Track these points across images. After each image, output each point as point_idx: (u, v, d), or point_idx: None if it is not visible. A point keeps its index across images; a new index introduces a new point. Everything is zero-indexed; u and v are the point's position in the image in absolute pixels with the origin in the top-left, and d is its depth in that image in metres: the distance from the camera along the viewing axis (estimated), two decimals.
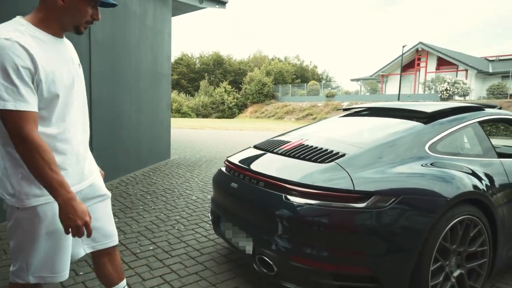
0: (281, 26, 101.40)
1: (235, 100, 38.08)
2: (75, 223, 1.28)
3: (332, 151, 2.22)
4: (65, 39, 1.44)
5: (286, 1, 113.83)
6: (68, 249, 1.46)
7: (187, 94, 40.45)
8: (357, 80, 37.02)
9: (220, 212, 2.57)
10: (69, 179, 1.34)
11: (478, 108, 2.72)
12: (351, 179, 1.95)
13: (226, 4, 8.84)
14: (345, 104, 28.64)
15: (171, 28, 7.61)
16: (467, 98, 25.38)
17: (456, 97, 25.24)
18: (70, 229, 1.29)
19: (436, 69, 30.09)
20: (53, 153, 1.29)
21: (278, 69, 40.54)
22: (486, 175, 2.27)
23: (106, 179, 5.49)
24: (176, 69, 43.62)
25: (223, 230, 2.51)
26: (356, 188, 1.90)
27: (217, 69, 45.13)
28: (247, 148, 2.93)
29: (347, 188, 1.91)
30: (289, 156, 2.36)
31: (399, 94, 23.95)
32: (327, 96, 31.49)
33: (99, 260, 1.65)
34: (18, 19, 1.30)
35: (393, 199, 1.89)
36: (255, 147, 2.83)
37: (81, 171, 1.50)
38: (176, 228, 3.44)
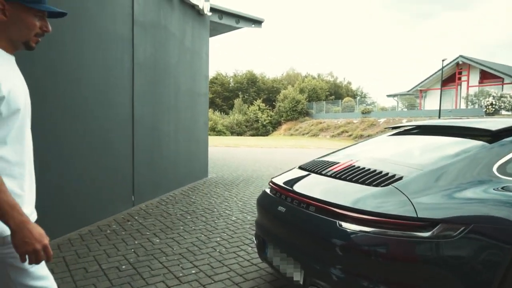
0: (313, 43, 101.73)
1: (269, 118, 38.19)
2: (32, 247, 1.13)
3: (387, 173, 2.06)
4: (13, 57, 1.32)
5: (318, 18, 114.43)
6: None
7: (222, 113, 41.08)
8: (394, 95, 36.02)
9: (266, 236, 2.46)
10: (24, 207, 1.21)
11: None
12: (412, 204, 1.78)
13: (262, 23, 8.92)
14: (381, 121, 27.86)
15: (209, 48, 7.76)
16: None
17: (503, 112, 23.83)
18: (27, 256, 1.15)
19: (479, 83, 28.69)
20: (8, 178, 1.18)
21: (311, 86, 40.39)
22: None
23: (146, 198, 5.49)
24: (211, 88, 44.59)
25: (269, 256, 2.39)
26: (419, 215, 1.72)
27: (251, 88, 45.65)
28: (292, 169, 2.81)
29: (409, 215, 1.74)
30: (339, 178, 2.22)
31: (439, 109, 22.96)
32: (362, 113, 30.81)
33: None
34: None
35: (463, 228, 1.69)
36: (301, 168, 2.71)
37: (34, 200, 1.36)
38: (218, 250, 3.35)
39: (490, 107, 23.62)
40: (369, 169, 2.19)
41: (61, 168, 3.61)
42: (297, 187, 2.34)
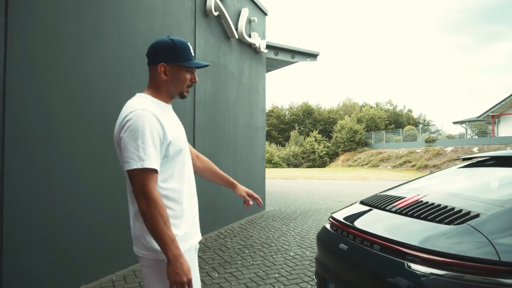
0: (370, 71, 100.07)
1: (326, 149, 37.60)
2: (181, 279, 1.35)
3: (461, 210, 1.89)
4: (170, 105, 1.65)
5: (374, 47, 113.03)
6: None
7: (278, 145, 41.36)
8: (461, 122, 33.69)
9: (327, 275, 2.35)
10: (189, 234, 1.55)
11: None
12: (493, 246, 1.59)
13: (317, 57, 9.02)
14: (449, 149, 26.03)
15: (265, 83, 7.98)
16: None
17: None
18: (175, 286, 1.36)
19: None
20: (175, 203, 1.49)
21: (369, 116, 39.33)
22: None
23: (205, 231, 5.56)
24: (267, 121, 45.38)
25: None
26: (503, 259, 1.53)
27: (307, 119, 45.68)
28: (353, 204, 2.70)
29: (490, 258, 1.56)
30: (405, 215, 2.08)
31: None
32: (426, 141, 29.09)
33: None
34: (141, 94, 1.56)
35: None
36: (363, 203, 2.59)
37: (197, 227, 1.67)
38: (276, 287, 3.26)
39: None
40: (439, 205, 2.02)
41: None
42: (359, 223, 2.23)
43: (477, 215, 1.80)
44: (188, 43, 1.59)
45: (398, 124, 41.64)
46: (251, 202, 2.11)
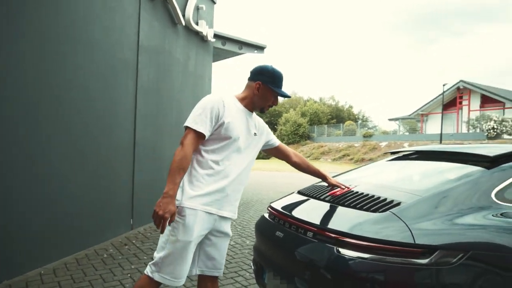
0: (315, 67, 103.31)
1: None
2: (158, 211, 1.71)
3: (385, 199, 2.06)
4: (254, 114, 2.13)
5: (320, 43, 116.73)
6: (189, 261, 1.89)
7: None
8: (395, 119, 36.23)
9: (264, 262, 2.43)
10: (208, 197, 1.89)
11: None
12: (410, 230, 1.76)
13: (264, 49, 9.12)
14: (383, 144, 27.89)
15: (211, 73, 7.90)
16: None
17: (505, 136, 23.85)
18: (153, 215, 1.72)
19: (480, 107, 28.89)
20: (210, 175, 1.91)
21: (313, 110, 40.70)
22: None
23: (144, 221, 5.43)
24: None
25: (266, 282, 2.35)
26: (417, 242, 1.71)
27: None
28: (291, 194, 2.81)
29: (407, 241, 1.72)
30: (337, 203, 2.21)
31: (441, 133, 23.02)
32: (364, 136, 30.89)
33: (204, 283, 2.06)
34: (230, 93, 2.04)
35: (461, 255, 1.68)
36: (300, 192, 2.71)
37: (225, 202, 1.97)
38: None
39: (491, 131, 23.67)
40: (367, 195, 2.18)
41: (58, 191, 3.62)
42: (296, 212, 2.33)
43: (398, 203, 1.97)
44: (283, 75, 2.03)
45: (340, 119, 43.59)
46: (343, 188, 2.37)
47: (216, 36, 7.79)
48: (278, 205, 2.58)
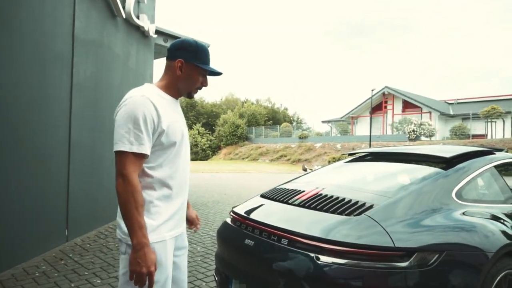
0: (251, 68, 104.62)
1: (209, 142, 37.90)
2: (140, 269, 1.35)
3: (357, 202, 2.04)
4: (178, 100, 1.71)
5: (255, 44, 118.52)
6: None
7: None
8: (328, 122, 38.07)
9: (231, 272, 2.27)
10: (172, 221, 1.56)
11: (489, 152, 2.67)
12: (388, 234, 1.75)
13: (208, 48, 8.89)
14: (318, 145, 29.11)
15: (153, 71, 7.49)
16: (432, 138, 26.56)
17: (423, 138, 26.35)
18: (134, 275, 1.37)
19: (402, 111, 31.58)
20: (161, 195, 1.52)
21: (251, 112, 41.11)
22: None
23: (82, 231, 4.97)
24: None
25: None
26: (397, 245, 1.70)
27: (190, 112, 45.12)
28: (254, 197, 2.69)
29: (386, 245, 1.71)
30: (308, 207, 2.15)
31: (370, 135, 24.68)
32: (299, 138, 31.96)
33: None
34: (148, 84, 1.61)
35: (437, 256, 1.71)
36: (263, 196, 2.60)
37: (183, 217, 1.67)
38: None
39: (412, 133, 26.00)
40: (337, 197, 2.15)
41: None
42: (264, 218, 2.22)
43: (371, 206, 1.96)
44: (209, 49, 1.65)
45: (276, 120, 44.61)
46: (198, 227, 1.99)
47: (158, 32, 7.40)
48: (241, 210, 2.44)
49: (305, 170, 20.78)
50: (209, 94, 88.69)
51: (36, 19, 3.77)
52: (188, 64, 1.59)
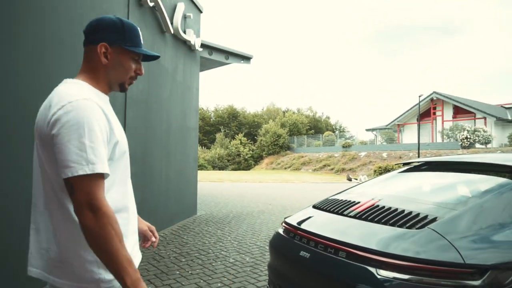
0: (292, 78, 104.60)
1: (251, 152, 38.18)
2: None
3: (418, 214, 1.93)
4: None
5: (294, 54, 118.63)
6: None
7: (203, 147, 40.83)
8: (373, 130, 36.96)
9: (285, 284, 2.24)
10: (134, 250, 1.29)
11: None
12: (456, 249, 1.64)
13: (251, 60, 9.03)
14: (362, 154, 28.29)
15: (199, 83, 7.71)
16: (488, 146, 24.86)
17: (478, 145, 24.73)
18: None
19: (453, 118, 29.92)
20: (120, 219, 1.16)
21: (292, 121, 40.98)
22: None
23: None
24: None
25: None
26: (467, 262, 1.58)
27: (232, 122, 45.91)
28: (306, 208, 2.66)
29: (455, 261, 1.60)
30: (365, 219, 2.07)
31: (418, 143, 23.56)
32: (343, 147, 31.28)
33: None
34: (73, 80, 1.23)
35: None
36: (316, 207, 2.55)
37: (137, 241, 1.35)
38: None
39: (465, 140, 24.48)
40: (396, 209, 2.06)
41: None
42: (319, 229, 2.17)
43: (434, 219, 1.85)
44: (139, 28, 1.31)
45: (318, 129, 44.09)
46: (153, 239, 1.60)
47: (203, 45, 7.63)
48: (294, 221, 2.41)
49: (349, 180, 20.24)
50: (250, 104, 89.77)
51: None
52: (115, 48, 1.23)
